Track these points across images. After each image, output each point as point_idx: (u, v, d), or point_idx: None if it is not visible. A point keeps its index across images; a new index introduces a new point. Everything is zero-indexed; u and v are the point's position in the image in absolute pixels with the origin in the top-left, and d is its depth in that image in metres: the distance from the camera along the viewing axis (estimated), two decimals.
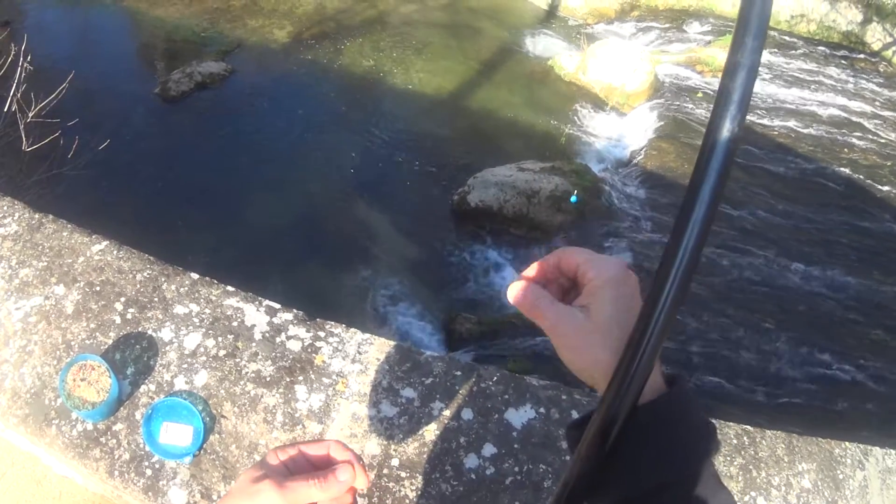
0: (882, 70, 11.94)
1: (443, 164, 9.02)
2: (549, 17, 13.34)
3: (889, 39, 12.26)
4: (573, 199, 8.10)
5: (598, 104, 10.63)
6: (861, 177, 9.37)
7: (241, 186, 8.30)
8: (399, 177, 8.82)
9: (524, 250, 7.79)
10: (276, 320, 2.20)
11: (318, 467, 0.84)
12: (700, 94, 10.61)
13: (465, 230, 8.00)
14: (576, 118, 10.27)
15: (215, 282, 2.30)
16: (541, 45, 12.21)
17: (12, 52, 5.89)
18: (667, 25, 12.88)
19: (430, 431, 1.98)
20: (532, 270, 0.83)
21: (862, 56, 12.32)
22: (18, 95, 5.68)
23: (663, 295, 0.63)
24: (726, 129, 0.60)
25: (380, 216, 8.12)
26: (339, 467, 0.82)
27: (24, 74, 5.77)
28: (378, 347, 2.18)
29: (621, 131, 10.15)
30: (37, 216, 2.42)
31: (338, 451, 0.85)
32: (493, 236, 7.94)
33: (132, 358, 2.02)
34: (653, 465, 0.68)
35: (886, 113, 10.80)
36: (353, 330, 2.23)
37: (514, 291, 0.80)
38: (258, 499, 0.76)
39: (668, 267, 0.62)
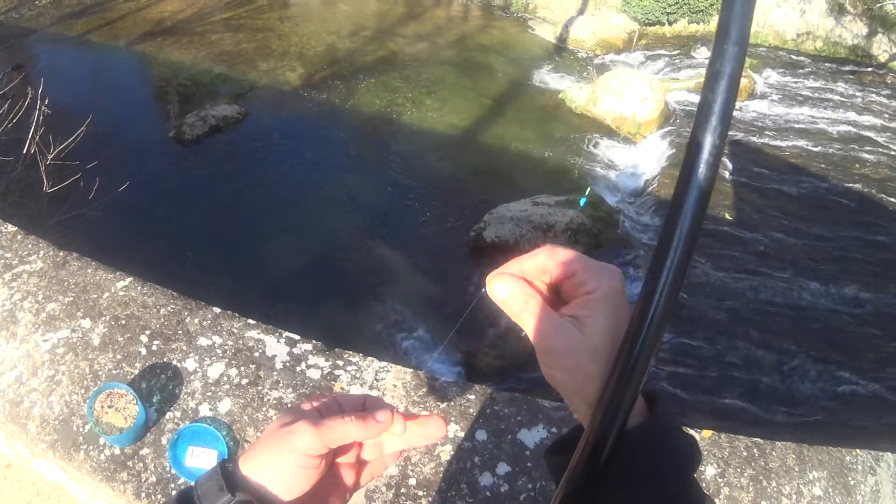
0: (889, 82, 12.01)
1: (458, 201, 9.06)
2: (558, 50, 13.49)
3: (895, 50, 12.34)
4: (583, 200, 8.14)
5: (610, 135, 10.69)
6: (873, 191, 9.38)
7: (258, 227, 8.37)
8: (415, 215, 8.85)
9: None
10: (296, 350, 2.27)
11: None
12: None
13: (482, 266, 7.98)
14: (588, 150, 10.32)
15: (237, 315, 2.38)
16: (551, 78, 12.33)
17: (29, 96, 5.98)
18: (675, 52, 12.99)
19: (446, 452, 2.03)
20: (514, 267, 0.72)
21: (869, 69, 12.39)
22: (38, 138, 5.78)
23: (648, 316, 0.61)
24: (708, 142, 0.58)
25: (397, 254, 8.14)
26: (377, 410, 0.76)
27: (41, 118, 5.88)
28: (395, 374, 2.24)
29: (634, 161, 10.19)
30: (61, 254, 2.52)
31: (374, 402, 0.79)
32: None
33: (158, 387, 2.10)
34: (644, 489, 0.66)
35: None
36: (370, 358, 2.30)
37: (500, 287, 0.71)
38: (292, 439, 0.71)
39: (654, 285, 0.60)
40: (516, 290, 0.70)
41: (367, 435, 0.75)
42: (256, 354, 2.23)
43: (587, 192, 8.39)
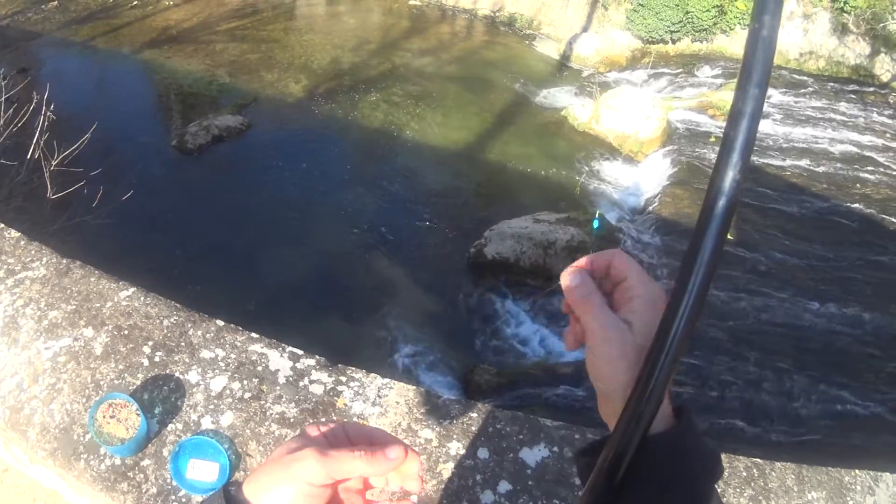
0: (892, 101, 12.06)
1: (459, 217, 9.08)
2: (562, 67, 13.54)
3: None
4: (595, 223, 8.13)
5: (612, 153, 10.71)
6: (874, 211, 9.41)
7: (260, 240, 8.38)
8: (416, 230, 8.86)
9: (541, 301, 7.79)
10: (299, 365, 2.26)
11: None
12: (713, 139, 10.69)
13: (482, 282, 7.99)
14: (590, 168, 10.34)
15: (240, 328, 2.36)
16: (554, 95, 12.36)
17: (34, 101, 5.99)
18: (678, 71, 13.03)
19: (447, 470, 2.02)
20: (584, 262, 0.82)
21: (871, 89, 12.44)
22: (42, 143, 5.79)
23: (673, 329, 0.65)
24: (729, 177, 0.62)
25: (397, 269, 8.15)
26: (389, 445, 0.73)
27: (46, 123, 5.88)
28: (397, 391, 2.23)
29: (636, 179, 10.20)
30: (64, 261, 2.51)
31: (381, 435, 0.76)
32: (510, 288, 7.92)
33: (160, 398, 2.09)
34: (665, 496, 0.69)
35: None
36: (373, 375, 2.28)
37: (569, 277, 0.80)
38: (296, 467, 0.70)
39: (677, 306, 0.65)
40: (583, 283, 0.80)
41: (375, 471, 0.74)
42: (259, 368, 2.22)
43: (598, 215, 8.37)
